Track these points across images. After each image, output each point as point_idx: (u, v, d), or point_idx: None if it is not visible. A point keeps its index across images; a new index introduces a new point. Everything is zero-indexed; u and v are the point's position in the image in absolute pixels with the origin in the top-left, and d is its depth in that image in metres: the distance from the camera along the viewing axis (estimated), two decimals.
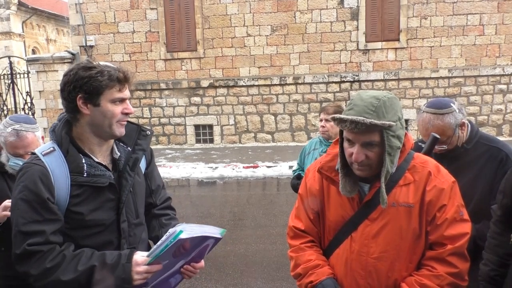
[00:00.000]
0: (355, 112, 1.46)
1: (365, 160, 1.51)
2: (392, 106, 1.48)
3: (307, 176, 1.80)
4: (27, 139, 2.19)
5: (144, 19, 12.05)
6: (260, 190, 8.34)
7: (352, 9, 11.42)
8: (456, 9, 11.24)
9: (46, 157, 1.52)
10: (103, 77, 1.49)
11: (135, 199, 1.68)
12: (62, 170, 1.50)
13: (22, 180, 1.49)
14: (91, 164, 1.54)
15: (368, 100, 1.47)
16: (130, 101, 1.62)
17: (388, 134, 1.46)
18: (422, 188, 1.55)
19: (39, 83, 12.53)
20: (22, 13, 21.64)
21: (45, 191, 1.46)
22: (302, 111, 11.92)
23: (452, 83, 11.53)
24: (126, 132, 1.65)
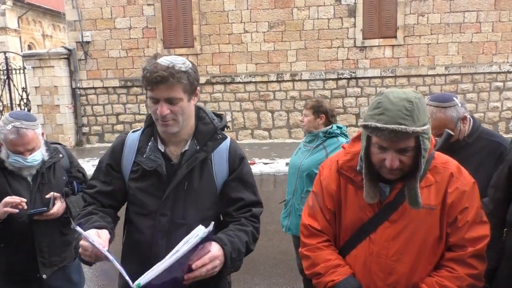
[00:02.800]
0: (389, 118, 1.38)
1: (399, 165, 1.47)
2: (423, 106, 1.44)
3: (322, 174, 1.75)
4: (27, 136, 2.19)
5: (141, 15, 12.00)
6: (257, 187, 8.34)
7: (349, 6, 11.41)
8: (453, 7, 11.26)
9: (132, 133, 1.75)
10: (143, 74, 1.55)
11: (188, 200, 1.64)
12: (132, 147, 1.69)
13: (110, 146, 1.78)
14: (153, 148, 1.65)
15: (400, 103, 1.39)
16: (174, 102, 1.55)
17: (423, 138, 1.43)
18: (444, 189, 1.53)
19: (35, 79, 12.47)
20: (18, 8, 21.49)
21: (110, 158, 1.72)
22: (299, 108, 11.92)
23: (449, 80, 11.57)
24: (204, 131, 1.69)
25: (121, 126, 12.45)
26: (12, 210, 2.14)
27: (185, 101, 1.57)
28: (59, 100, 12.37)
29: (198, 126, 1.70)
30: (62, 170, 2.42)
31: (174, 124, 1.58)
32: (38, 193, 2.29)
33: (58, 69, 12.32)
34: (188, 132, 1.67)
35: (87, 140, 12.79)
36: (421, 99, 1.44)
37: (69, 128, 12.51)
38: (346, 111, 11.82)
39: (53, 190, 2.29)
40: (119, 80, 12.25)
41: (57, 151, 2.44)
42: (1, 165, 2.26)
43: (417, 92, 1.49)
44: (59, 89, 12.35)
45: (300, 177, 3.10)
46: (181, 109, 1.57)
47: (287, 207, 3.30)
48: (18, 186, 2.28)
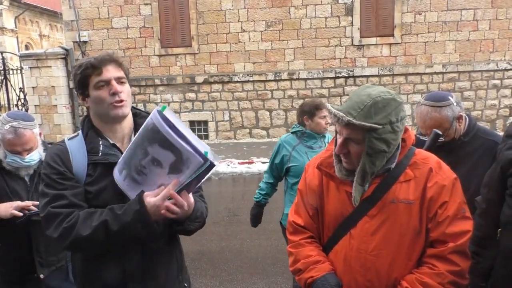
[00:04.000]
0: (345, 107, 1.48)
1: (347, 154, 1.53)
2: (385, 108, 1.45)
3: (307, 171, 1.79)
4: (25, 136, 2.21)
5: (138, 14, 11.98)
6: (255, 186, 8.27)
7: (346, 5, 11.41)
8: (450, 5, 11.27)
9: (70, 141, 1.67)
10: (81, 69, 1.59)
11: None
12: (81, 151, 1.62)
13: (45, 159, 1.66)
14: (107, 145, 1.63)
15: (361, 97, 1.47)
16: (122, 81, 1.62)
17: (370, 136, 1.45)
18: (423, 184, 1.53)
19: (32, 79, 12.44)
20: (15, 8, 21.44)
21: (62, 165, 1.59)
22: (297, 107, 11.85)
23: (446, 78, 11.58)
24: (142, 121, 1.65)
25: None
26: (18, 213, 2.18)
27: (128, 84, 1.65)
28: (57, 100, 12.35)
29: (136, 121, 1.73)
30: None
31: (126, 105, 1.62)
32: (35, 193, 2.30)
33: (56, 69, 12.29)
34: (129, 126, 1.71)
35: None
36: (390, 100, 1.45)
37: (67, 128, 12.49)
38: None
39: None
40: None
41: None
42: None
43: (391, 92, 1.49)
44: (56, 89, 12.33)
45: None
46: (128, 91, 1.64)
47: None
48: (16, 185, 2.29)
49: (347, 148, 1.51)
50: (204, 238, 5.33)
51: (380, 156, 1.49)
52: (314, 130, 3.20)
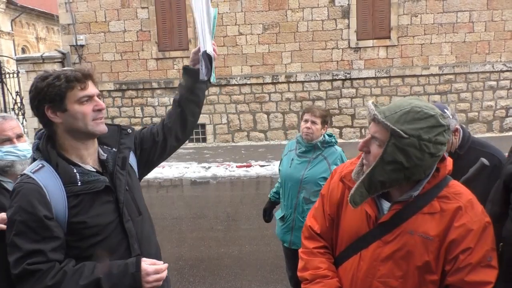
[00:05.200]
0: (385, 107, 1.43)
1: (368, 154, 1.44)
2: (419, 120, 1.34)
3: (333, 177, 1.71)
4: (13, 121, 2.22)
5: (135, 18, 11.98)
6: (253, 190, 8.37)
7: (343, 7, 11.44)
8: (446, 7, 11.32)
9: (37, 174, 1.50)
10: (60, 81, 1.49)
11: (133, 196, 1.70)
12: (56, 184, 1.49)
13: (16, 200, 1.47)
14: (83, 172, 1.55)
15: (403, 103, 1.40)
16: (101, 97, 1.64)
17: (392, 141, 1.35)
18: (448, 222, 1.40)
19: (29, 82, 12.39)
20: (11, 11, 21.40)
21: (41, 208, 1.44)
22: (294, 110, 11.95)
23: (443, 80, 11.63)
24: (108, 134, 1.65)
25: None
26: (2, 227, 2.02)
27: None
28: None
29: None
30: None
31: (104, 121, 1.61)
32: None
33: None
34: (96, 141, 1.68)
35: None
36: (430, 118, 1.35)
37: None
38: (341, 112, 11.85)
39: None
40: (114, 84, 12.22)
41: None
42: None
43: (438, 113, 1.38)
44: None
45: (304, 189, 3.01)
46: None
47: (287, 222, 3.16)
48: (3, 200, 2.19)
49: (369, 147, 1.43)
50: (202, 244, 5.34)
51: (396, 168, 1.37)
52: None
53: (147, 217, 1.79)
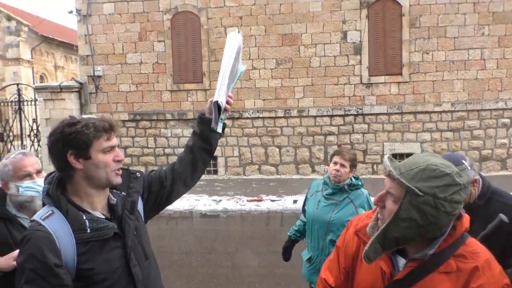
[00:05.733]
0: (401, 162, 1.42)
1: (383, 209, 1.43)
2: (435, 179, 1.33)
3: (348, 229, 1.70)
4: (33, 157, 2.28)
5: (152, 51, 12.29)
6: (264, 225, 8.31)
7: (355, 44, 11.63)
8: (457, 44, 11.44)
9: (47, 220, 1.52)
10: (89, 130, 1.54)
11: (140, 241, 1.72)
12: (66, 231, 1.52)
13: (26, 248, 1.49)
14: (92, 219, 1.57)
15: (419, 160, 1.39)
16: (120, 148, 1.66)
17: (407, 198, 1.33)
18: (465, 283, 1.37)
19: (46, 110, 12.70)
20: (32, 40, 22.10)
21: (51, 256, 1.46)
22: (306, 144, 11.99)
23: (455, 117, 11.62)
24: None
25: (129, 159, 12.55)
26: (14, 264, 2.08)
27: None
28: None
29: None
30: None
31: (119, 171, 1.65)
32: None
33: (69, 102, 12.55)
34: None
35: None
36: (446, 176, 1.34)
37: None
38: (353, 147, 11.85)
39: None
40: (128, 114, 12.44)
41: None
42: (3, 215, 2.25)
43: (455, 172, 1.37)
44: None
45: (331, 232, 3.04)
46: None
47: (314, 264, 3.18)
48: (19, 237, 2.24)
49: (384, 202, 1.42)
50: (212, 281, 5.28)
51: (411, 225, 1.35)
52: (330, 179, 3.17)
53: (153, 261, 1.81)
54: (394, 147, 11.77)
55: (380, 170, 11.78)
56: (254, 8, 11.87)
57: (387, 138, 11.78)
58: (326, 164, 11.91)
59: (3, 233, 2.22)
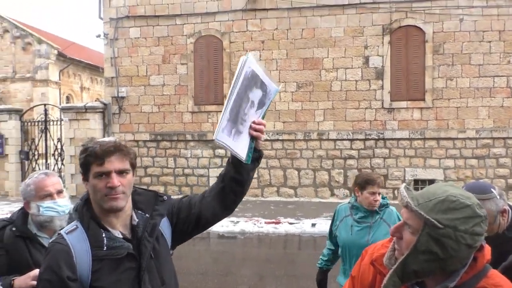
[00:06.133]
0: (418, 192, 1.37)
1: (400, 240, 1.38)
2: (455, 211, 1.29)
3: (364, 258, 1.66)
4: (55, 177, 2.31)
5: (175, 73, 12.55)
6: (281, 248, 8.17)
7: (377, 69, 11.61)
8: (482, 71, 11.29)
9: (69, 235, 1.57)
10: (85, 154, 1.58)
11: (159, 265, 1.68)
12: (84, 247, 1.55)
13: (46, 259, 1.55)
14: (110, 237, 1.58)
15: (438, 190, 1.34)
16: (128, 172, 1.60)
17: (426, 231, 1.30)
18: None
19: (70, 130, 13.00)
20: (60, 62, 22.91)
21: (66, 269, 1.50)
22: (325, 167, 11.87)
23: (480, 144, 11.35)
24: (144, 199, 1.72)
25: (149, 178, 12.65)
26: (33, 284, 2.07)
27: (131, 174, 1.62)
28: None
29: (134, 198, 1.71)
30: None
31: (123, 198, 1.59)
32: None
33: (93, 122, 12.84)
34: (129, 207, 1.68)
35: None
36: (467, 208, 1.29)
37: None
38: (374, 171, 11.66)
39: None
40: (150, 134, 12.61)
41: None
42: (23, 234, 2.27)
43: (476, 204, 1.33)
44: None
45: None
46: (129, 183, 1.60)
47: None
48: (39, 256, 2.22)
49: (401, 233, 1.37)
50: None
51: (431, 258, 1.32)
52: (362, 204, 3.14)
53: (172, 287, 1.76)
54: (416, 173, 11.53)
55: None
56: (276, 32, 12.05)
57: (409, 164, 11.56)
58: (346, 187, 11.74)
59: (23, 252, 2.24)
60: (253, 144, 1.71)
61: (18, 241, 2.24)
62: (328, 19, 11.81)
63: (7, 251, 2.23)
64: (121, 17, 12.77)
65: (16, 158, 13.78)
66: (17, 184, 13.66)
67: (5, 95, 21.96)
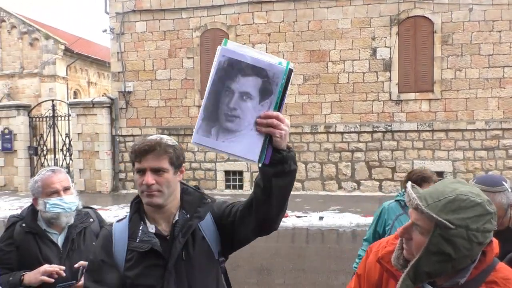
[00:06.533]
0: (425, 191, 1.34)
1: (409, 241, 1.36)
2: (466, 209, 1.27)
3: (369, 256, 1.65)
4: (62, 173, 2.31)
5: (181, 67, 12.53)
6: (289, 242, 8.16)
7: (384, 61, 11.49)
8: (492, 62, 11.13)
9: (117, 223, 1.71)
10: (130, 150, 1.67)
11: (189, 270, 1.63)
12: (123, 236, 1.65)
13: (97, 241, 1.76)
14: (144, 231, 1.63)
15: (446, 188, 1.31)
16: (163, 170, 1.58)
17: (438, 232, 1.27)
18: None
19: (78, 125, 13.07)
20: (68, 57, 23.00)
21: (103, 254, 1.64)
22: (333, 160, 11.82)
23: (490, 135, 11.22)
24: (190, 200, 1.71)
25: None
26: (48, 279, 2.12)
27: (170, 173, 1.60)
28: (99, 146, 12.84)
29: (183, 197, 1.70)
30: (92, 236, 2.40)
31: (159, 195, 1.59)
32: (67, 260, 2.27)
33: (100, 117, 12.88)
34: (175, 206, 1.68)
35: (123, 186, 13.07)
36: (477, 205, 1.27)
37: (107, 174, 12.86)
38: (381, 164, 11.59)
39: (82, 257, 2.26)
40: (157, 129, 12.63)
41: (88, 215, 2.45)
42: (33, 230, 2.29)
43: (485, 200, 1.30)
44: (99, 136, 12.86)
45: None
46: (167, 181, 1.59)
47: None
48: (48, 252, 2.28)
49: (411, 234, 1.35)
50: None
51: (443, 259, 1.30)
52: None
53: None
54: (425, 165, 11.43)
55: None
56: (283, 25, 11.96)
57: (417, 156, 11.47)
58: (353, 180, 11.70)
59: (33, 248, 2.26)
60: (267, 143, 1.37)
61: (28, 237, 2.28)
62: (335, 11, 11.69)
63: (17, 247, 2.27)
64: (127, 12, 12.75)
65: (25, 153, 13.90)
66: (26, 179, 13.79)
67: (13, 91, 22.14)
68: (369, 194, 11.54)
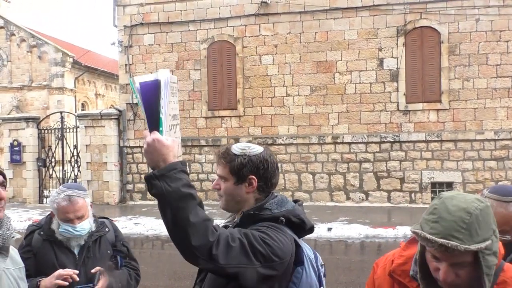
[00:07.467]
0: (443, 229, 1.27)
1: (455, 280, 1.32)
2: (485, 219, 1.29)
3: (376, 272, 1.65)
4: (78, 203, 2.33)
5: (188, 79, 12.61)
6: None
7: (391, 71, 11.49)
8: (500, 72, 11.08)
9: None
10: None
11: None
12: None
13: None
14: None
15: (457, 214, 1.27)
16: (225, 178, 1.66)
17: (484, 254, 1.27)
18: None
19: (86, 137, 13.14)
20: (76, 70, 23.23)
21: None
22: (341, 171, 11.76)
23: (499, 145, 11.12)
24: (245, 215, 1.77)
25: None
26: (62, 283, 2.18)
27: (230, 182, 1.62)
28: (107, 158, 12.89)
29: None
30: (107, 244, 2.50)
31: (221, 200, 1.69)
32: (83, 267, 2.34)
33: (108, 129, 12.95)
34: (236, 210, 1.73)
35: (131, 197, 13.08)
36: (485, 209, 1.29)
37: (114, 185, 12.89)
38: (389, 175, 11.51)
39: (97, 264, 2.33)
40: None
41: (104, 224, 2.54)
42: (50, 237, 2.37)
43: (481, 200, 1.33)
44: (107, 147, 12.91)
45: None
46: (225, 189, 1.64)
47: None
48: (64, 259, 2.35)
49: (455, 273, 1.32)
50: None
51: (493, 269, 1.32)
52: None
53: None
54: (433, 176, 11.35)
55: (418, 199, 11.37)
56: (289, 36, 12.02)
57: (426, 166, 11.38)
58: (362, 191, 11.62)
59: (49, 254, 2.35)
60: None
61: (46, 244, 2.37)
62: (341, 22, 11.74)
63: (34, 254, 2.36)
64: (135, 24, 12.90)
65: (33, 165, 13.97)
66: (34, 191, 13.85)
67: (22, 103, 22.35)
68: (378, 205, 11.45)
